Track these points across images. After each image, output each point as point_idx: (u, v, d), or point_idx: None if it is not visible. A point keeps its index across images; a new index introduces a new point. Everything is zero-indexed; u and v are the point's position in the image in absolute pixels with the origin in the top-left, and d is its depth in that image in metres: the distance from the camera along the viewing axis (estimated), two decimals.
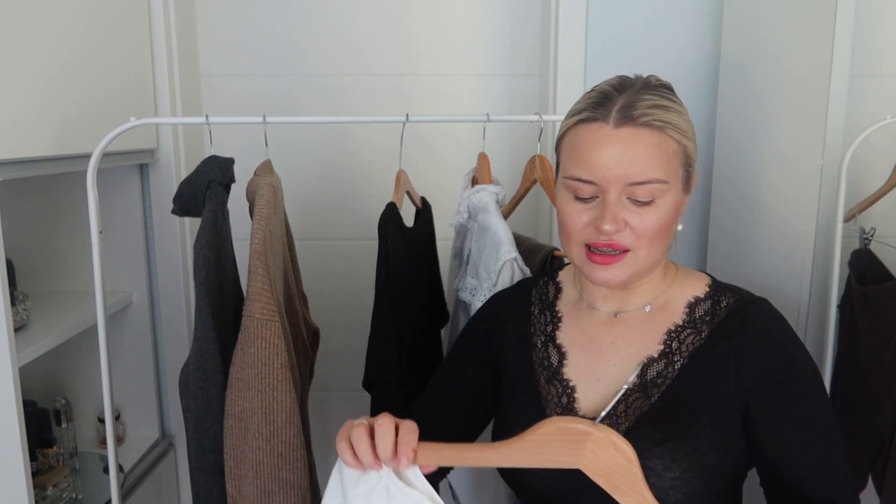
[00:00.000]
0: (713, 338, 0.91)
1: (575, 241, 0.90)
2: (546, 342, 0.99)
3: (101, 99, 1.38)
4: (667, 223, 0.87)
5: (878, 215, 1.37)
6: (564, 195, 0.90)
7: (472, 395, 1.04)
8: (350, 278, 1.85)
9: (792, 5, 1.37)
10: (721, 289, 0.95)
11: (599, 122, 0.86)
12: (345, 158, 1.87)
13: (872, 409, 1.26)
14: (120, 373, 1.68)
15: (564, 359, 0.97)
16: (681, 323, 0.93)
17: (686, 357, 0.90)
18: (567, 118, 0.92)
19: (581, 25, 1.69)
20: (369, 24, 1.82)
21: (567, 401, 0.94)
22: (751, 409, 0.88)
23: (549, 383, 0.96)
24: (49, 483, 1.42)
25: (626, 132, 0.85)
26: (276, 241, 1.08)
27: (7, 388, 1.12)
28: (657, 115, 0.85)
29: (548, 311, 1.02)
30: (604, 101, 0.87)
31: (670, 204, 0.87)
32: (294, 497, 0.98)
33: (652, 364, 0.91)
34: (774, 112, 1.43)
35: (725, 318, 0.91)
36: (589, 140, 0.87)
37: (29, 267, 1.62)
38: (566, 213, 0.90)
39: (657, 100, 0.86)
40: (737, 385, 0.88)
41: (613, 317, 0.96)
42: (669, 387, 0.89)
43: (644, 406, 0.89)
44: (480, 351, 1.05)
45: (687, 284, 0.96)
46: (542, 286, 1.05)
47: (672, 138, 0.86)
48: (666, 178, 0.85)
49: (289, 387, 0.97)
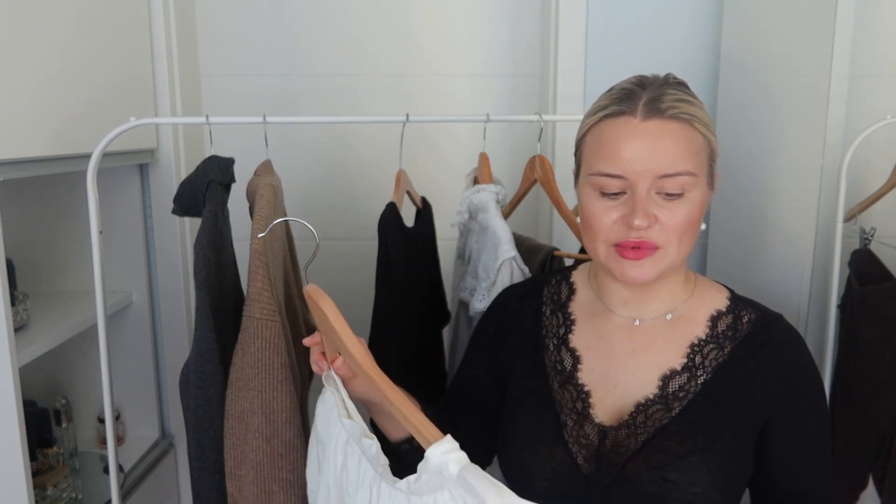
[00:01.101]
0: (736, 354, 0.90)
1: (602, 240, 0.87)
2: (559, 345, 0.97)
3: (101, 99, 1.38)
4: (695, 218, 0.86)
5: (878, 215, 1.37)
6: (590, 193, 0.88)
7: (481, 397, 1.03)
8: (350, 278, 1.85)
9: (792, 5, 1.37)
10: (741, 303, 0.94)
11: (626, 116, 0.84)
12: (345, 158, 1.87)
13: (872, 409, 1.26)
14: (120, 373, 1.68)
15: (579, 363, 0.95)
16: (704, 337, 0.91)
17: (710, 372, 0.89)
18: (588, 117, 0.90)
19: (581, 25, 1.69)
20: (369, 24, 1.82)
21: (582, 406, 0.92)
22: (769, 426, 0.89)
23: (562, 387, 0.94)
24: (49, 483, 1.42)
25: (655, 125, 0.83)
26: (276, 241, 1.08)
27: (7, 388, 1.12)
28: (683, 109, 0.85)
29: (560, 312, 1.00)
30: (628, 97, 0.86)
31: (699, 198, 0.86)
32: (294, 497, 0.98)
33: (674, 377, 0.90)
34: (774, 112, 1.43)
35: (748, 335, 0.91)
36: (616, 134, 0.85)
37: (29, 267, 1.62)
38: (592, 212, 0.87)
39: (680, 94, 0.86)
40: (761, 402, 0.88)
41: (633, 324, 0.94)
42: (691, 401, 0.88)
43: (664, 419, 0.88)
44: (487, 354, 1.04)
45: (708, 296, 0.95)
46: (555, 285, 1.03)
47: (699, 132, 0.86)
48: (695, 171, 0.84)
49: (289, 387, 0.97)
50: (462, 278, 1.29)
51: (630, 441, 0.87)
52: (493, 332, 1.05)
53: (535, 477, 0.91)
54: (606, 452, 0.88)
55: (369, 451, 0.79)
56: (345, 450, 0.83)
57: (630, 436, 0.87)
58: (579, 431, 0.90)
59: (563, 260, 1.21)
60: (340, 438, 0.83)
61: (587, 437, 0.89)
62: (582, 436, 0.90)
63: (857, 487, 1.32)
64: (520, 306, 1.03)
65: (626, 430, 0.88)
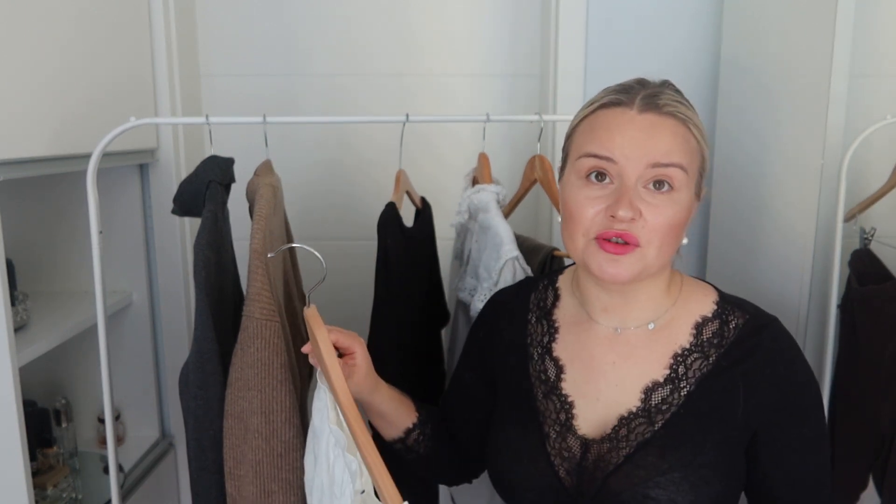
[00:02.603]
0: (721, 363, 0.87)
1: (582, 232, 0.84)
2: (543, 354, 0.95)
3: (101, 99, 1.38)
4: (680, 222, 0.84)
5: (878, 215, 1.36)
6: (574, 182, 0.86)
7: (475, 402, 1.03)
8: (350, 278, 1.85)
9: (792, 5, 1.37)
10: (729, 305, 0.91)
11: (623, 107, 0.84)
12: (345, 158, 1.87)
13: (872, 410, 1.26)
14: (120, 373, 1.68)
15: (562, 373, 0.93)
16: (688, 346, 0.89)
17: (693, 383, 0.87)
18: (583, 109, 0.89)
19: (581, 25, 1.69)
20: (369, 24, 1.82)
21: (565, 417, 0.90)
22: (758, 435, 0.86)
23: (546, 398, 0.92)
24: (49, 483, 1.42)
25: (651, 117, 0.83)
26: (276, 241, 1.08)
27: (7, 388, 1.12)
28: (681, 109, 0.84)
29: (545, 320, 0.98)
30: (626, 90, 0.85)
31: (685, 202, 0.84)
32: (294, 497, 0.98)
33: (656, 389, 0.88)
34: (775, 112, 1.43)
35: (735, 342, 0.88)
36: (612, 121, 0.84)
37: (29, 267, 1.62)
38: (575, 201, 0.84)
39: (679, 98, 0.86)
40: (745, 412, 0.85)
41: (615, 333, 0.91)
42: (674, 414, 0.86)
43: (647, 433, 0.85)
44: (479, 359, 1.04)
45: (692, 300, 0.92)
46: (542, 291, 1.01)
47: (693, 135, 0.85)
48: (687, 168, 0.83)
49: (288, 387, 0.97)
50: (462, 279, 1.29)
51: (612, 455, 0.85)
52: (482, 336, 1.04)
53: (518, 487, 0.90)
54: (588, 466, 0.86)
55: (351, 466, 0.80)
56: (334, 451, 0.83)
57: (612, 450, 0.86)
58: (562, 444, 0.88)
59: (563, 260, 1.21)
60: (330, 441, 0.84)
61: (570, 449, 0.88)
62: (564, 448, 0.88)
63: (858, 488, 1.32)
64: (508, 313, 1.02)
65: (609, 443, 0.86)
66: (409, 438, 1.02)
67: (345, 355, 0.93)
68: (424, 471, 1.08)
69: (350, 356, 0.93)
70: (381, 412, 1.00)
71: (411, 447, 1.03)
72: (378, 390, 0.97)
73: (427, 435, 1.03)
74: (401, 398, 1.02)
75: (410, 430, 1.02)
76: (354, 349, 0.93)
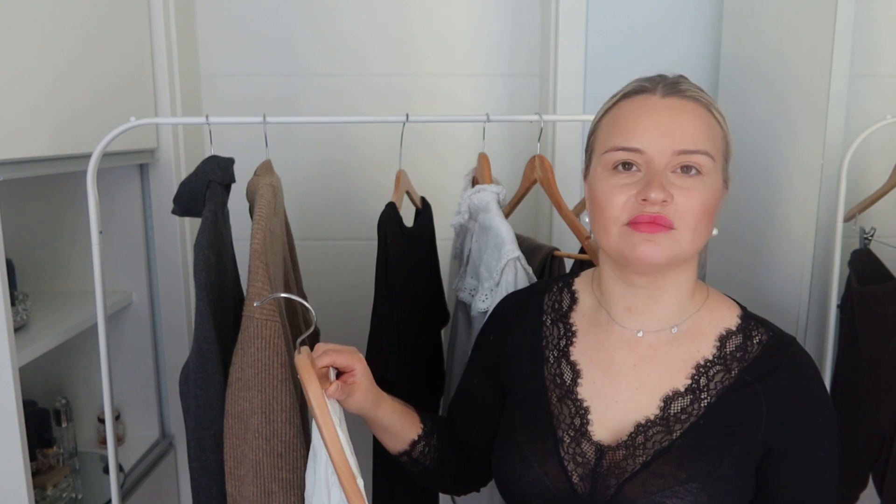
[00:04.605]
0: (743, 378, 0.86)
1: (613, 220, 0.83)
2: (559, 357, 0.94)
3: (101, 99, 1.38)
4: (710, 207, 0.83)
5: (878, 215, 1.36)
6: (601, 174, 0.85)
7: (484, 406, 1.03)
8: (350, 278, 1.85)
9: (792, 5, 1.37)
10: (753, 322, 0.90)
11: (646, 94, 0.85)
12: (345, 158, 1.87)
13: (872, 410, 1.26)
14: (120, 373, 1.68)
15: (579, 377, 0.92)
16: (710, 357, 0.88)
17: (714, 396, 0.86)
18: (604, 105, 0.90)
19: (581, 25, 1.69)
20: (369, 24, 1.82)
21: (580, 423, 0.89)
22: (772, 453, 0.86)
23: (561, 402, 0.91)
24: (49, 483, 1.42)
25: (675, 101, 0.84)
26: (276, 241, 1.08)
27: (7, 388, 1.12)
28: (702, 94, 0.86)
29: (561, 322, 0.97)
30: (647, 80, 0.87)
31: (714, 187, 0.84)
32: (294, 497, 0.98)
33: (676, 398, 0.87)
34: (774, 112, 1.43)
35: (759, 358, 0.87)
36: (636, 110, 0.85)
37: (29, 267, 1.62)
38: (604, 191, 0.84)
39: (698, 86, 0.88)
40: (766, 430, 0.85)
41: (636, 336, 0.91)
42: (693, 424, 0.85)
43: (664, 441, 0.85)
44: (488, 363, 1.03)
45: (717, 311, 0.91)
46: (556, 293, 1.00)
47: (716, 120, 0.86)
48: (713, 155, 0.83)
49: (289, 387, 0.97)
50: (461, 279, 1.29)
51: (628, 462, 0.85)
52: (493, 340, 1.03)
53: (528, 493, 0.89)
54: (603, 472, 0.86)
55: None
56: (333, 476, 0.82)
57: (628, 457, 0.85)
58: (576, 449, 0.88)
59: (563, 260, 1.21)
60: (329, 466, 0.82)
61: (584, 454, 0.87)
62: (578, 453, 0.87)
63: (858, 487, 1.32)
64: (520, 316, 1.01)
65: (625, 450, 0.86)
66: (415, 451, 1.01)
67: (344, 373, 0.92)
68: (431, 483, 1.07)
69: (350, 374, 0.92)
70: (384, 426, 0.99)
71: (417, 459, 1.02)
72: (380, 405, 0.96)
73: (433, 446, 1.02)
74: (404, 410, 1.01)
75: (416, 443, 1.01)
76: (354, 366, 0.91)
